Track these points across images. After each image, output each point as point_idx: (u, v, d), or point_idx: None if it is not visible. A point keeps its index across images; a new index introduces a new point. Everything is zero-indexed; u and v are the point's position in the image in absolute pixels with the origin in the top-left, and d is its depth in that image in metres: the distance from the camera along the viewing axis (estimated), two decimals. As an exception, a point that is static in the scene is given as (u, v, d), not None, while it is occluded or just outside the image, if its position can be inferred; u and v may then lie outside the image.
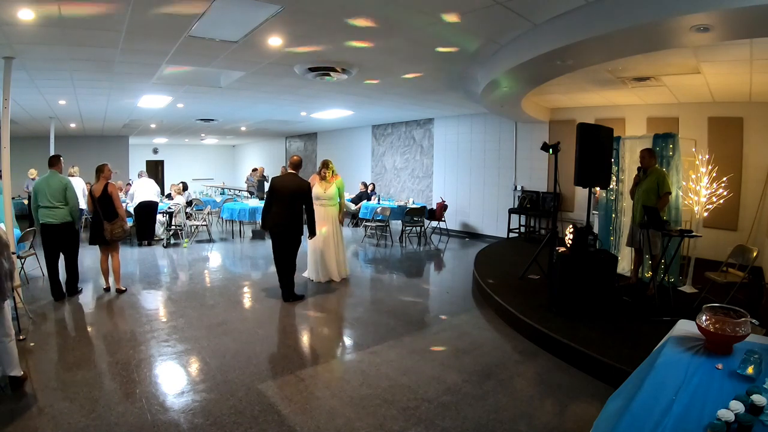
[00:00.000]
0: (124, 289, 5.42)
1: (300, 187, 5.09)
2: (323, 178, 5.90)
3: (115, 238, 5.26)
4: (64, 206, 4.93)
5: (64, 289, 5.14)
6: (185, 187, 9.80)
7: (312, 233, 5.26)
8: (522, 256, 6.31)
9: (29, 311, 4.48)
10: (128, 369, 3.33)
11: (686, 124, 6.64)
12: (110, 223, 5.18)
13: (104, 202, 5.17)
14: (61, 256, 5.12)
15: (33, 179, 10.07)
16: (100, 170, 5.26)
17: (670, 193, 4.74)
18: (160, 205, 9.56)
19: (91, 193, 5.25)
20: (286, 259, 5.09)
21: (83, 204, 7.19)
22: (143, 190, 8.31)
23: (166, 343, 3.86)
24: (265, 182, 14.73)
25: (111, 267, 5.39)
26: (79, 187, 8.08)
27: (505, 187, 9.55)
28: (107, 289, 5.40)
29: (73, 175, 8.19)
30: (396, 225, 10.26)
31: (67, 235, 5.03)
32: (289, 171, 5.26)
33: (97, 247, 5.40)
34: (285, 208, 5.00)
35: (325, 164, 5.97)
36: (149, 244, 8.48)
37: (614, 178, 5.74)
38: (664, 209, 4.69)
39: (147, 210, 8.31)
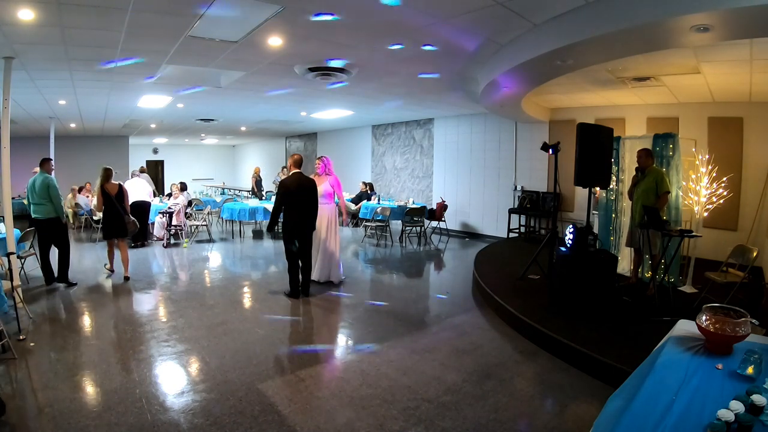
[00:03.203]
0: (129, 276, 5.95)
1: (311, 184, 5.25)
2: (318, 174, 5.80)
3: (131, 232, 5.98)
4: (49, 203, 5.46)
5: (55, 277, 5.67)
6: (184, 187, 9.77)
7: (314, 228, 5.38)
8: (522, 256, 6.31)
9: (29, 311, 4.48)
10: (128, 369, 3.34)
11: (686, 124, 6.64)
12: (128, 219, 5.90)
13: (121, 200, 5.92)
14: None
15: None
16: (111, 171, 5.95)
17: (669, 192, 4.74)
18: (159, 204, 9.56)
19: (105, 191, 5.76)
20: (307, 256, 5.33)
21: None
22: (136, 189, 8.25)
23: (166, 343, 3.86)
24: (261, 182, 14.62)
25: (120, 258, 6.04)
26: (142, 187, 8.40)
27: (505, 187, 9.55)
28: (112, 270, 6.09)
29: (144, 171, 8.69)
30: (396, 225, 10.26)
31: (55, 229, 5.56)
32: (295, 170, 5.26)
33: (95, 246, 5.60)
34: (303, 208, 5.16)
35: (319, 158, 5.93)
36: (143, 245, 8.40)
37: (614, 178, 5.74)
38: (663, 209, 4.69)
39: (140, 210, 8.21)
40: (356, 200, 11.45)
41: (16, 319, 4.05)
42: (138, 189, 8.32)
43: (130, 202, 8.07)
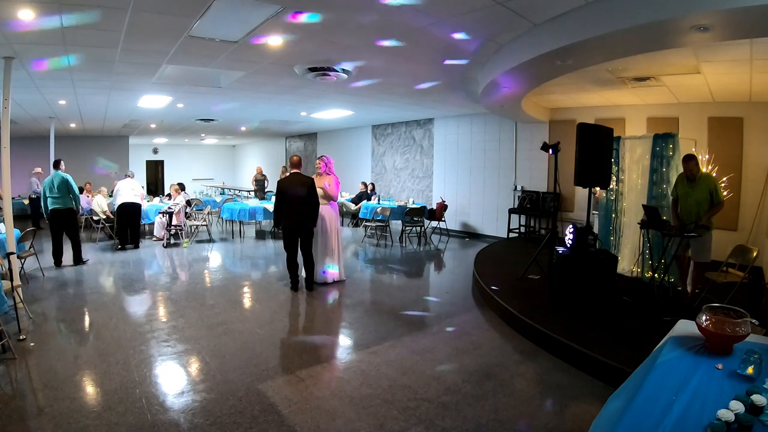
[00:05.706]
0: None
1: (307, 183, 5.35)
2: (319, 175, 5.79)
3: None
4: (67, 195, 6.58)
5: (72, 261, 6.71)
6: (182, 188, 9.75)
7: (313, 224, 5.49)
8: (522, 256, 6.31)
9: (29, 311, 4.48)
10: (128, 369, 3.33)
11: (686, 124, 6.63)
12: None
13: None
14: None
15: (38, 179, 10.54)
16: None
17: (723, 201, 4.50)
18: (158, 204, 9.54)
19: None
20: (307, 252, 5.49)
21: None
22: (123, 190, 8.15)
23: (166, 343, 3.86)
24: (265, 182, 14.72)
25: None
26: (131, 188, 8.27)
27: (505, 187, 9.55)
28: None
29: (130, 176, 8.60)
30: (396, 225, 10.26)
31: (69, 217, 6.66)
32: (293, 171, 5.44)
33: (94, 246, 5.62)
34: (298, 206, 5.29)
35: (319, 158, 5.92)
36: (136, 247, 8.23)
37: (614, 178, 5.74)
38: (713, 216, 4.49)
39: (127, 211, 8.11)
40: (356, 200, 11.45)
41: (16, 319, 4.05)
42: (124, 190, 8.17)
43: (118, 203, 8.09)
